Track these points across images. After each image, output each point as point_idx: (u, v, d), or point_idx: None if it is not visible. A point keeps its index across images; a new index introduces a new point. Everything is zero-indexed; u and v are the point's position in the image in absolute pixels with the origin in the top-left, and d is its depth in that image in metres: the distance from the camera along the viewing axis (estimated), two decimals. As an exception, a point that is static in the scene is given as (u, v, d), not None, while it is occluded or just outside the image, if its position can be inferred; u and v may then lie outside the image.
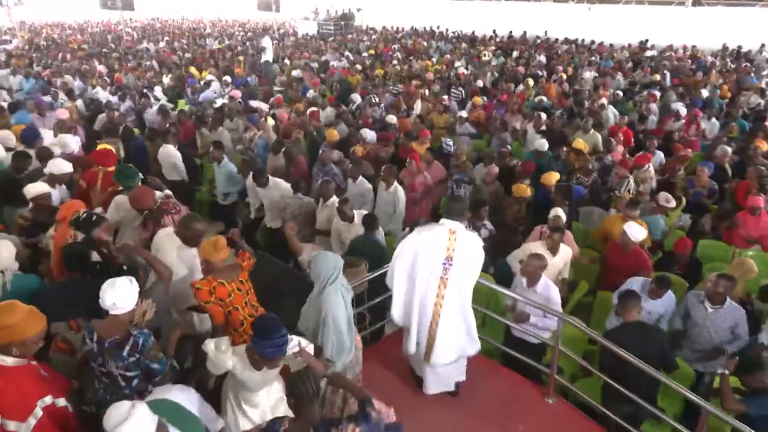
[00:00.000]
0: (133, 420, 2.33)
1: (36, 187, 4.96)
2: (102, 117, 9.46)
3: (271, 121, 9.10)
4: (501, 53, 19.55)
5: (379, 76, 14.95)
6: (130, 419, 2.33)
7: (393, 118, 9.75)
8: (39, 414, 2.72)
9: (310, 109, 10.13)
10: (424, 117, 10.18)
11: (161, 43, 23.57)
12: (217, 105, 10.77)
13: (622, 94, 12.16)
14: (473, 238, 4.02)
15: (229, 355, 3.14)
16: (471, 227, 5.71)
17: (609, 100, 11.31)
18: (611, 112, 10.50)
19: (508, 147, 8.45)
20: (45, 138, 7.07)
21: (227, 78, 13.74)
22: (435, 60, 18.64)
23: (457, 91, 12.52)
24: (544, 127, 9.30)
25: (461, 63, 17.20)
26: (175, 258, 4.14)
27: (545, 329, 4.51)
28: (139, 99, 11.38)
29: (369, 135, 8.53)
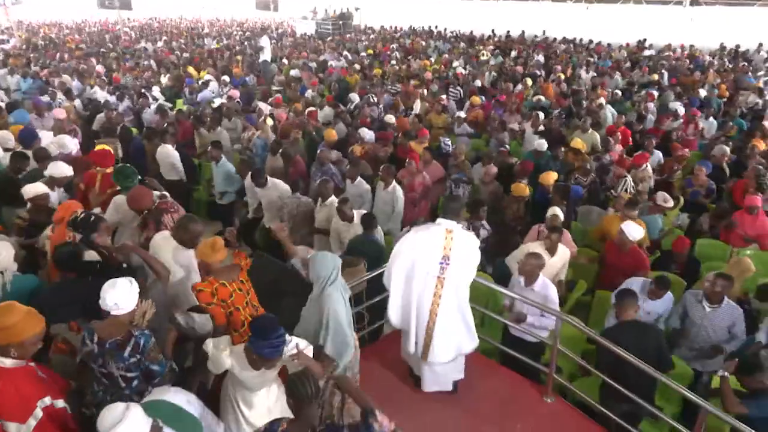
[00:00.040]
0: (127, 422, 2.33)
1: (34, 188, 4.94)
2: (100, 117, 9.44)
3: (270, 121, 9.10)
4: (499, 53, 19.55)
5: (378, 75, 14.95)
6: (123, 421, 2.33)
7: (391, 117, 9.74)
8: (39, 415, 2.72)
9: (308, 109, 10.13)
10: (422, 117, 10.18)
11: (159, 43, 23.51)
12: (216, 105, 10.75)
13: (620, 93, 12.17)
14: (469, 237, 4.03)
15: (227, 354, 3.14)
16: (470, 227, 5.71)
17: (607, 99, 11.32)
18: (609, 111, 10.51)
19: (506, 147, 8.46)
20: (43, 138, 7.04)
21: (225, 78, 13.71)
22: (433, 60, 18.63)
23: (456, 91, 12.50)
24: (542, 127, 9.31)
25: (459, 63, 17.18)
26: (172, 260, 4.12)
27: (543, 328, 4.52)
28: (137, 99, 11.35)
29: (367, 134, 8.52)
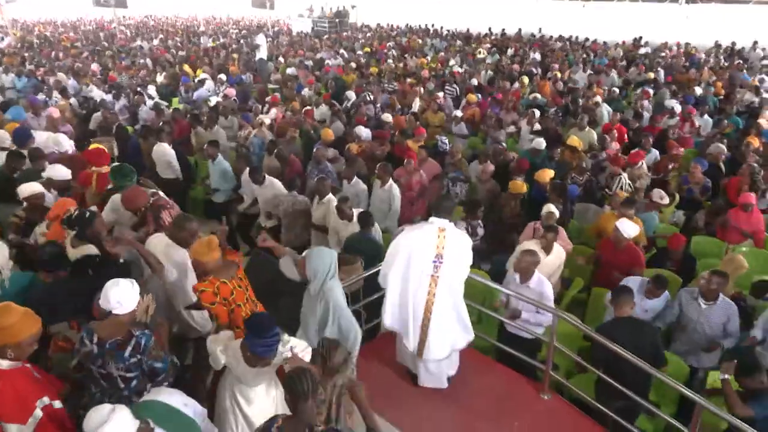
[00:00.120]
0: (113, 423, 2.32)
1: (29, 187, 4.93)
2: (97, 116, 9.42)
3: (267, 120, 9.09)
4: (496, 51, 19.54)
5: (374, 73, 14.93)
6: (109, 422, 2.31)
7: (389, 116, 9.74)
8: (39, 415, 2.72)
9: (305, 108, 10.11)
10: (418, 115, 10.17)
11: (155, 41, 23.44)
12: (212, 103, 10.73)
13: (618, 91, 12.18)
14: (462, 235, 4.06)
15: (222, 350, 3.16)
16: (468, 227, 5.73)
17: (603, 97, 11.34)
18: (605, 109, 10.53)
19: (503, 144, 8.46)
20: (38, 137, 7.03)
21: (222, 76, 13.68)
22: (430, 58, 18.61)
23: (452, 88, 12.50)
24: (538, 126, 9.33)
25: (456, 61, 17.18)
26: (164, 260, 4.10)
27: (538, 325, 4.53)
28: (133, 96, 11.34)
29: (364, 132, 8.51)
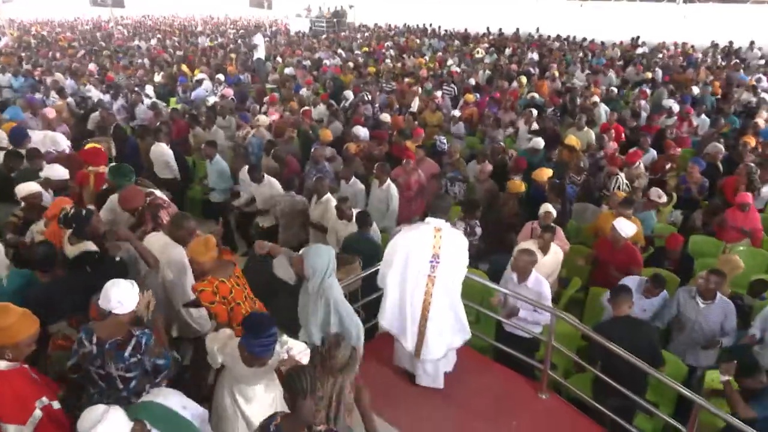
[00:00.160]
0: (106, 423, 2.31)
1: (27, 187, 4.93)
2: (95, 116, 9.40)
3: (266, 120, 9.08)
4: (494, 51, 19.55)
5: (372, 73, 14.93)
6: (102, 422, 2.31)
7: (387, 116, 9.73)
8: (38, 415, 2.71)
9: (302, 108, 10.11)
10: (416, 115, 10.17)
11: (152, 41, 23.40)
12: (210, 103, 10.72)
13: (616, 91, 12.19)
14: (458, 235, 4.06)
15: (218, 349, 3.16)
16: (467, 227, 5.74)
17: (601, 97, 11.35)
18: (603, 109, 10.54)
19: (501, 144, 8.47)
20: (35, 137, 7.03)
21: (220, 76, 13.66)
22: (428, 58, 18.61)
23: (450, 88, 12.50)
24: (535, 126, 9.34)
25: (454, 61, 17.18)
26: (162, 259, 4.12)
27: (535, 323, 4.54)
28: (131, 96, 11.32)
29: (362, 132, 8.51)
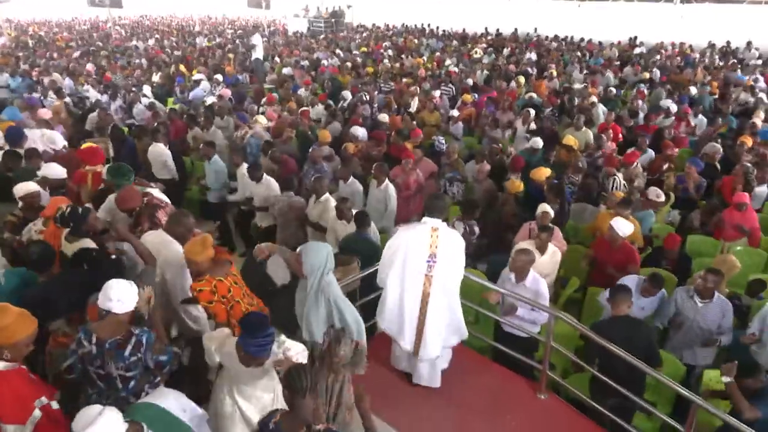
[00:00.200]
0: (100, 424, 2.31)
1: (25, 186, 4.92)
2: (93, 116, 9.39)
3: (264, 121, 9.07)
4: (492, 51, 19.56)
5: (370, 73, 14.92)
6: (96, 423, 2.31)
7: (385, 116, 9.74)
8: (38, 415, 2.72)
9: (301, 109, 10.10)
10: (414, 115, 10.18)
11: (150, 41, 23.38)
12: (208, 104, 10.71)
13: (614, 91, 12.20)
14: (455, 234, 4.07)
15: (216, 349, 3.16)
16: (466, 226, 5.75)
17: (598, 97, 11.36)
18: (601, 109, 10.55)
19: (499, 144, 8.48)
20: (33, 134, 7.03)
21: (218, 76, 13.65)
22: (426, 58, 18.62)
23: (448, 88, 12.51)
24: (533, 126, 9.34)
25: (452, 61, 17.19)
26: (158, 257, 4.12)
27: (533, 322, 4.54)
28: (128, 95, 11.31)
29: (360, 132, 8.51)
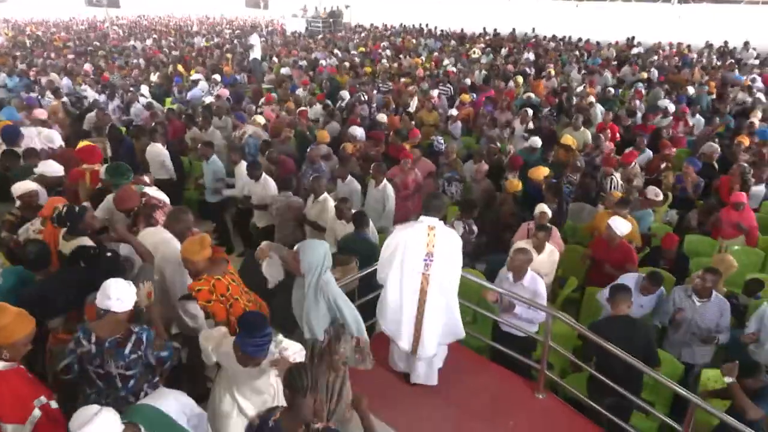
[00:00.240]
0: (96, 424, 2.31)
1: (23, 185, 4.93)
2: (91, 116, 9.37)
3: (262, 120, 9.07)
4: (490, 51, 19.58)
5: (368, 73, 14.92)
6: (92, 422, 2.31)
7: (383, 116, 9.73)
8: (38, 414, 2.71)
9: (299, 109, 10.10)
10: (412, 115, 10.18)
11: (148, 41, 23.34)
12: (206, 104, 10.71)
13: (612, 91, 12.22)
14: (452, 233, 4.08)
15: (213, 348, 3.16)
16: (465, 226, 5.76)
17: (596, 97, 11.37)
18: (599, 109, 10.56)
19: (497, 144, 8.48)
20: (30, 132, 7.03)
21: (216, 76, 13.62)
22: (424, 58, 18.63)
23: (446, 88, 12.51)
24: (531, 125, 9.34)
25: (450, 61, 17.20)
26: (158, 255, 4.11)
27: (531, 321, 4.54)
28: (126, 95, 11.29)
29: (358, 132, 8.50)
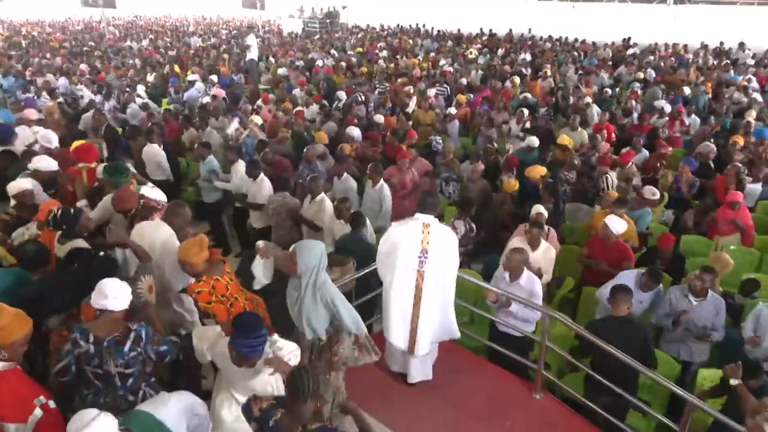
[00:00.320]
0: (93, 428, 2.31)
1: (17, 185, 4.90)
2: (87, 116, 9.35)
3: (259, 120, 9.06)
4: (487, 51, 19.60)
5: (365, 74, 14.92)
6: (90, 426, 2.31)
7: (380, 117, 9.74)
8: (39, 413, 2.71)
9: (295, 109, 10.09)
10: (409, 115, 10.18)
11: (144, 42, 23.29)
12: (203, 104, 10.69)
13: (609, 91, 12.24)
14: (447, 231, 4.10)
15: (208, 348, 3.16)
16: (466, 224, 5.77)
17: (593, 98, 11.39)
18: (595, 110, 10.58)
19: (494, 144, 8.50)
20: (24, 131, 7.00)
21: (213, 77, 13.60)
22: (420, 58, 18.64)
23: (443, 88, 12.51)
24: (528, 125, 9.35)
25: (447, 61, 17.21)
26: (157, 252, 4.11)
27: (527, 320, 4.55)
28: (122, 95, 11.26)
29: (355, 132, 8.51)
